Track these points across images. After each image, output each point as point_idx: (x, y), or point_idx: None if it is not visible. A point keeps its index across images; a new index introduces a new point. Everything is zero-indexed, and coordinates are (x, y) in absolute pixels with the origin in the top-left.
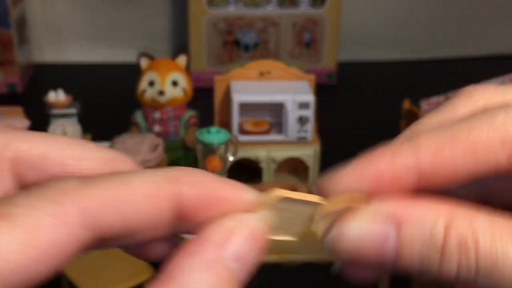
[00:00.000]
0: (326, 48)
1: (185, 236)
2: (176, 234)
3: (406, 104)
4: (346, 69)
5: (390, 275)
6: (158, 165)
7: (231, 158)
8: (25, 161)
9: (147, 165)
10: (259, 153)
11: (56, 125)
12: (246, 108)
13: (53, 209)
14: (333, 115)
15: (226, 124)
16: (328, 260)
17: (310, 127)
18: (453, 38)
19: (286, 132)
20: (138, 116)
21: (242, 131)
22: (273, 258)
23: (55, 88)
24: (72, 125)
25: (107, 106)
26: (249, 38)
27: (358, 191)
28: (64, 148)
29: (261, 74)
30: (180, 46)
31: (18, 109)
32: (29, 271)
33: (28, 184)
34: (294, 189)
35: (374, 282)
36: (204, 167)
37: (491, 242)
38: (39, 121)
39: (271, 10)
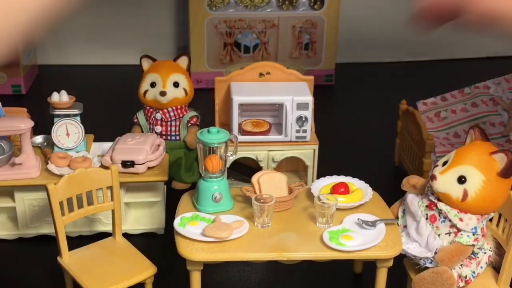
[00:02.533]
0: (325, 50)
1: None
2: None
3: (403, 105)
4: (345, 70)
5: (388, 271)
6: (160, 164)
7: (231, 158)
8: None
9: (149, 165)
10: (259, 153)
11: (59, 125)
12: (246, 108)
13: None
14: (332, 115)
15: (226, 124)
16: (326, 258)
17: (309, 127)
18: (449, 40)
19: (285, 132)
20: (140, 116)
21: (242, 131)
22: (272, 256)
23: (58, 89)
24: (75, 125)
25: (110, 106)
26: (249, 39)
27: None
28: None
29: (261, 75)
30: (181, 47)
31: (23, 110)
32: None
33: None
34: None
35: None
36: (205, 166)
37: None
38: (43, 121)
39: (270, 12)
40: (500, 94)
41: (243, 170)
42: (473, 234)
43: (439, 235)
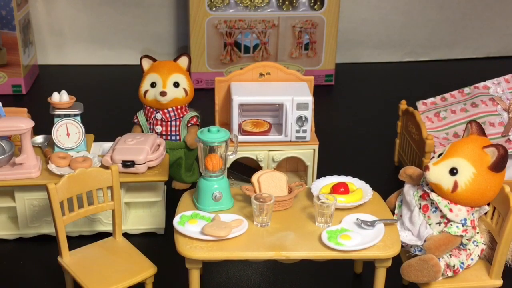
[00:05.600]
0: (325, 50)
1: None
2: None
3: (403, 105)
4: (344, 70)
5: (388, 271)
6: (160, 164)
7: (231, 157)
8: None
9: (149, 165)
10: (259, 153)
11: (59, 125)
12: (246, 108)
13: None
14: (332, 115)
15: (226, 124)
16: (324, 258)
17: (309, 127)
18: (449, 40)
19: (285, 132)
20: (141, 117)
21: (242, 131)
22: (271, 255)
23: (58, 89)
24: (76, 125)
25: (110, 106)
26: (249, 40)
27: None
28: None
29: (261, 75)
30: (181, 48)
31: (23, 110)
32: None
33: None
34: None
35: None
36: (205, 165)
37: None
38: (43, 121)
39: (270, 12)
40: (499, 94)
41: (243, 170)
42: (462, 225)
43: (430, 224)
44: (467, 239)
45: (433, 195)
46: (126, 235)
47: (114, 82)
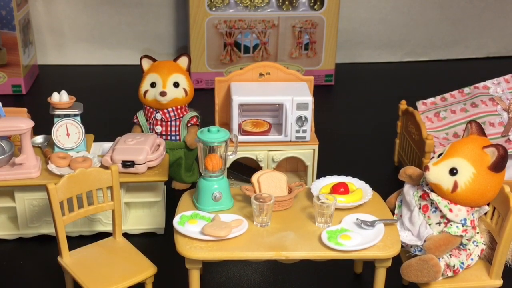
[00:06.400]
0: (325, 50)
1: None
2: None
3: (403, 105)
4: (344, 70)
5: (388, 271)
6: (160, 164)
7: (231, 157)
8: None
9: (149, 165)
10: (259, 153)
11: (59, 125)
12: (246, 108)
13: None
14: (332, 115)
15: (226, 124)
16: (324, 258)
17: (309, 127)
18: (449, 40)
19: (285, 132)
20: (140, 117)
21: (242, 131)
22: (271, 255)
23: (58, 89)
24: (76, 125)
25: (110, 106)
26: (249, 40)
27: None
28: None
29: (261, 75)
30: (181, 48)
31: (23, 110)
32: None
33: None
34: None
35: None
36: (205, 166)
37: None
38: (43, 121)
39: (270, 12)
40: (499, 94)
41: (243, 170)
42: (462, 225)
43: (430, 224)
44: (467, 239)
45: (433, 195)
46: (126, 235)
47: (114, 82)
